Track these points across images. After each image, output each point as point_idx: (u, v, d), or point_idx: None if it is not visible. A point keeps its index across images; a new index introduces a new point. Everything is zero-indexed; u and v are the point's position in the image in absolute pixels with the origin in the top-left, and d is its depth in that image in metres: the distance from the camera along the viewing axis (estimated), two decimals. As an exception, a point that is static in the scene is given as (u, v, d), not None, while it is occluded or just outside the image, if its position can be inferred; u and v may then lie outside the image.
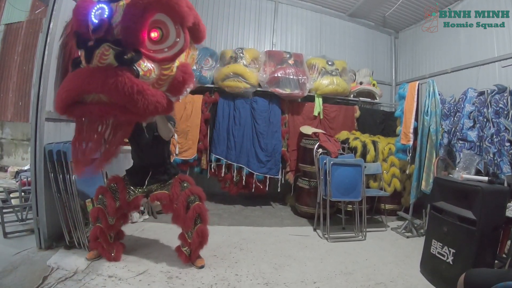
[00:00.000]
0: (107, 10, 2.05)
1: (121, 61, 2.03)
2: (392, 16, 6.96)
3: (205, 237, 3.17)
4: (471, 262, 2.74)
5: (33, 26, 6.52)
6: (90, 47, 2.02)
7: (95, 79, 1.99)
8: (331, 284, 3.04)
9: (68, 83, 2.11)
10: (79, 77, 2.05)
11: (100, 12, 2.06)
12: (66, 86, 2.11)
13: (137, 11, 2.03)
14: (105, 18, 2.04)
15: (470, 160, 3.64)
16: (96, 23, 2.05)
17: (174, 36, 2.22)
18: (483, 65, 5.04)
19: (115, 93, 2.01)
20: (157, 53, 2.19)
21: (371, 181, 5.24)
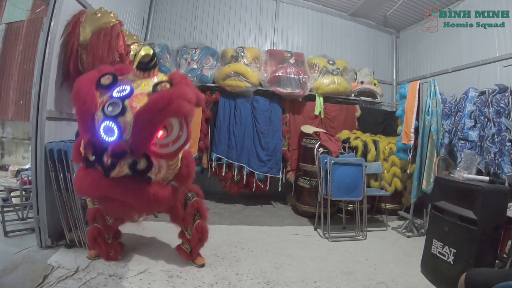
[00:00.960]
0: (116, 129, 2.18)
1: (135, 172, 2.25)
2: (393, 16, 6.96)
3: (204, 233, 3.17)
4: (472, 262, 2.74)
5: (34, 25, 6.51)
6: (108, 168, 2.20)
7: (118, 191, 2.27)
8: (332, 283, 3.04)
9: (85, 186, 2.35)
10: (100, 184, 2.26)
11: (109, 129, 2.19)
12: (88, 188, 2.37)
13: (146, 128, 2.18)
14: (117, 140, 2.18)
15: (471, 159, 3.64)
16: (108, 143, 2.18)
17: (177, 131, 2.33)
18: (484, 64, 5.03)
19: (136, 203, 2.36)
20: (163, 148, 2.32)
21: (372, 180, 5.24)
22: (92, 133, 2.24)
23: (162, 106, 2.13)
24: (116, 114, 2.18)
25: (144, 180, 2.31)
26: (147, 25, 6.24)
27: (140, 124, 2.15)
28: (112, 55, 3.50)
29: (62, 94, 3.54)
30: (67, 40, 3.46)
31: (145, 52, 2.40)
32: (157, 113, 2.13)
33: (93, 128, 2.22)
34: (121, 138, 2.16)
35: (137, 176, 2.27)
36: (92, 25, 3.48)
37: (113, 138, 2.18)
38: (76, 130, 3.79)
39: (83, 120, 2.28)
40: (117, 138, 2.16)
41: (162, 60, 5.48)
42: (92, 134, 2.24)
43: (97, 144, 2.22)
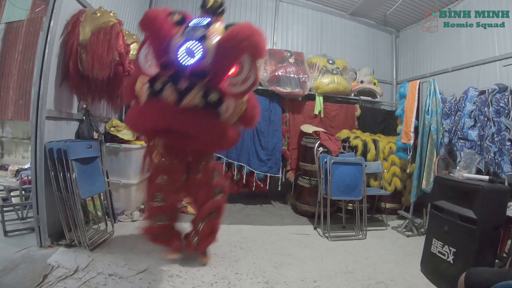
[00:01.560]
0: (200, 51, 2.16)
1: (207, 103, 2.22)
2: (393, 15, 6.95)
3: (215, 230, 3.20)
4: (472, 261, 2.74)
5: (34, 25, 6.50)
6: (183, 91, 2.15)
7: (189, 122, 2.24)
8: (332, 283, 3.04)
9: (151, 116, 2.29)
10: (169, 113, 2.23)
11: (193, 50, 2.16)
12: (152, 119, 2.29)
13: (229, 57, 2.21)
14: (200, 62, 2.16)
15: (471, 159, 3.64)
16: (190, 65, 2.15)
17: (247, 71, 2.32)
18: (484, 64, 5.03)
19: (205, 135, 2.34)
20: (232, 86, 2.32)
21: (372, 180, 5.24)
22: (169, 56, 2.22)
23: (244, 37, 2.15)
24: (199, 37, 2.19)
25: (213, 114, 2.30)
26: (147, 24, 6.22)
27: (222, 51, 2.17)
28: (112, 55, 3.50)
29: (62, 93, 3.55)
30: (67, 40, 3.46)
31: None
32: (239, 43, 2.15)
33: (169, 52, 2.21)
34: (203, 60, 2.16)
35: (208, 108, 2.25)
36: (91, 25, 3.48)
37: (194, 60, 2.16)
38: (76, 129, 3.81)
39: (160, 42, 2.25)
40: (199, 60, 2.16)
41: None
42: (169, 57, 2.22)
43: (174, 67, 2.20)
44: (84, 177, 3.39)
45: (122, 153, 4.45)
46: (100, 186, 3.71)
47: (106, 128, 4.53)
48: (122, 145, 4.41)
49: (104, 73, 3.53)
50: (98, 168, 3.73)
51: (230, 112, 2.38)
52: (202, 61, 2.16)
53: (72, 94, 3.77)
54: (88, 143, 3.62)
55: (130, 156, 4.50)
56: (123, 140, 4.47)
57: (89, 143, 3.62)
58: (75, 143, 3.41)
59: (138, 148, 4.62)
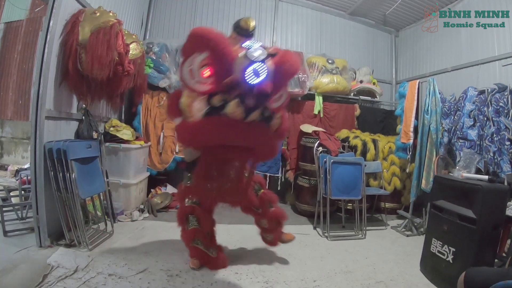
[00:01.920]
0: (265, 72, 2.28)
1: (265, 119, 2.41)
2: (392, 15, 6.95)
3: (280, 216, 3.38)
4: (471, 260, 2.75)
5: (33, 25, 6.50)
6: (250, 108, 2.29)
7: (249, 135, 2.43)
8: (331, 282, 3.04)
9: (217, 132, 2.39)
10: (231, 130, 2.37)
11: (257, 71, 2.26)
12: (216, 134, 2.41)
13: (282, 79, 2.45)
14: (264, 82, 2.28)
15: (470, 158, 3.65)
16: (255, 84, 2.26)
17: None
18: (483, 64, 5.03)
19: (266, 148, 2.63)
20: (273, 102, 2.50)
21: (371, 179, 5.24)
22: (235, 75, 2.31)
23: (295, 62, 2.45)
24: (263, 58, 2.31)
25: (267, 128, 2.48)
26: (146, 24, 6.22)
27: (281, 72, 2.36)
28: (111, 54, 3.50)
29: (61, 93, 3.55)
30: (66, 40, 3.46)
31: (254, 23, 2.89)
32: (292, 67, 2.43)
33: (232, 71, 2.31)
34: (266, 80, 2.28)
35: (262, 123, 2.41)
36: (91, 25, 3.48)
37: (258, 80, 2.26)
38: (76, 129, 3.81)
39: (224, 61, 2.32)
40: (264, 80, 2.27)
41: (161, 59, 5.49)
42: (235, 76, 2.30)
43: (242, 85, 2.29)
44: (84, 177, 3.39)
45: (122, 153, 4.45)
46: (99, 186, 3.71)
47: (105, 128, 4.53)
48: (122, 145, 4.42)
49: (103, 73, 3.53)
50: (97, 168, 3.73)
51: (273, 126, 2.54)
52: (266, 81, 2.28)
53: (72, 94, 3.77)
54: (88, 143, 3.62)
55: (129, 156, 4.50)
56: (122, 140, 4.47)
57: (88, 143, 3.62)
58: (75, 143, 3.41)
59: (137, 148, 4.63)
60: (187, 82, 2.42)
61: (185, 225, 3.11)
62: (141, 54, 4.52)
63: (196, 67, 2.39)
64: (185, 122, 2.47)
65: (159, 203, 4.95)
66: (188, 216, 3.11)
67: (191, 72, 2.41)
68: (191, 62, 2.42)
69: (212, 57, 2.35)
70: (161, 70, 5.45)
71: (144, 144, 4.93)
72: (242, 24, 2.88)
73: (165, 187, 5.54)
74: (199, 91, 2.38)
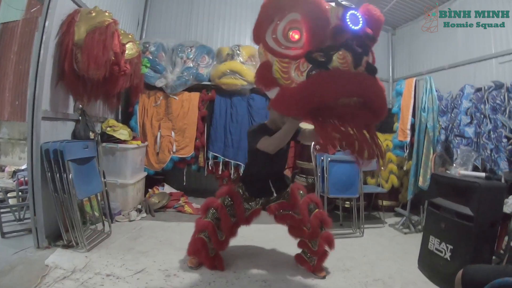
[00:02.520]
0: (361, 19, 2.13)
1: (371, 69, 2.15)
2: (389, 13, 6.94)
3: (331, 242, 3.13)
4: (469, 258, 2.75)
5: (29, 25, 6.48)
6: (360, 54, 2.07)
7: (365, 85, 2.09)
8: (329, 281, 3.05)
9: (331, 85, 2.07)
10: (347, 80, 2.06)
11: (355, 18, 2.12)
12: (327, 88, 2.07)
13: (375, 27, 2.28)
14: (362, 27, 2.13)
15: (468, 156, 3.65)
16: (356, 30, 2.11)
17: None
18: (480, 61, 5.03)
19: (378, 100, 2.19)
20: None
21: (369, 177, 5.26)
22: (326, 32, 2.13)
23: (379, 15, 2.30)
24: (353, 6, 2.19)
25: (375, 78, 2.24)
26: (143, 23, 6.22)
27: (371, 22, 2.21)
28: (107, 54, 3.49)
29: (58, 94, 3.54)
30: (62, 40, 3.45)
31: None
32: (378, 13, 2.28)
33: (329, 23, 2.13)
34: (365, 27, 2.16)
35: (371, 73, 2.18)
36: (87, 24, 3.47)
37: (359, 26, 2.13)
38: (73, 129, 3.80)
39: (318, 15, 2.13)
40: (363, 26, 2.14)
41: (157, 59, 5.48)
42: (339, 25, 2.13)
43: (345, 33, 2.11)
44: (81, 177, 3.38)
45: (119, 153, 4.45)
46: (96, 186, 3.70)
47: (102, 128, 4.53)
48: (119, 145, 4.41)
49: (99, 73, 3.52)
50: (94, 168, 3.72)
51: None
52: (366, 27, 2.16)
53: (68, 94, 3.76)
54: (85, 143, 3.61)
55: (126, 156, 4.50)
56: (119, 140, 4.47)
57: (85, 143, 3.61)
58: (71, 144, 3.40)
59: (134, 147, 4.63)
60: (275, 50, 2.26)
61: (204, 215, 3.11)
62: (138, 53, 4.51)
63: (280, 34, 2.23)
64: (286, 89, 2.26)
65: (156, 202, 4.95)
66: (210, 209, 3.09)
67: (277, 39, 2.25)
68: (272, 30, 2.26)
69: (303, 13, 2.18)
70: (158, 70, 5.45)
71: (141, 144, 4.93)
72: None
73: (162, 187, 5.54)
74: (291, 56, 2.21)
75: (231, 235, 3.18)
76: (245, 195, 3.14)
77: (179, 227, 4.23)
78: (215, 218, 3.05)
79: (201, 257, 3.09)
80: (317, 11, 2.11)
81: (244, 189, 3.16)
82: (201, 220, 3.10)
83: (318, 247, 3.11)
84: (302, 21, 2.17)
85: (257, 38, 2.33)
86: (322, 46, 2.10)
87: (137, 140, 4.90)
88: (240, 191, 3.15)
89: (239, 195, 3.12)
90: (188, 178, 5.74)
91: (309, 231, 3.09)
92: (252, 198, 3.16)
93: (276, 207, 3.17)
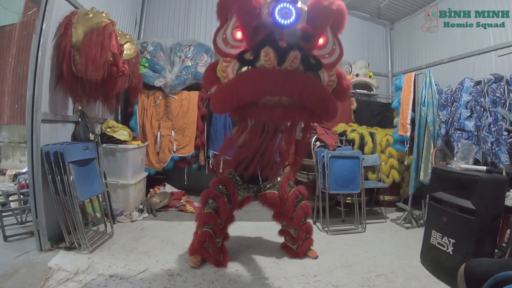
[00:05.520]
0: (294, 12, 2.04)
1: (309, 66, 2.06)
2: (387, 7, 6.94)
3: (311, 231, 3.51)
4: (471, 251, 2.75)
5: (27, 28, 6.49)
6: (284, 49, 1.99)
7: (289, 82, 1.98)
8: (332, 277, 3.05)
9: (249, 83, 2.04)
10: (266, 78, 2.00)
11: (286, 12, 2.04)
12: (245, 86, 2.03)
13: (321, 19, 2.11)
14: (294, 21, 2.03)
15: (468, 149, 3.65)
16: (284, 24, 2.02)
17: (331, 44, 2.26)
18: (479, 54, 5.03)
19: (312, 98, 2.03)
20: (321, 58, 2.19)
21: (370, 173, 5.25)
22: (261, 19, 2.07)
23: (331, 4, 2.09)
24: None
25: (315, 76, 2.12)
26: (140, 23, 6.21)
27: (315, 14, 2.09)
28: (105, 55, 3.48)
29: (57, 96, 3.53)
30: (60, 42, 3.44)
31: None
32: (330, 9, 2.09)
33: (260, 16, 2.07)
34: (298, 21, 2.04)
35: (310, 71, 2.08)
36: (84, 26, 3.46)
37: (290, 20, 2.03)
38: (72, 131, 3.80)
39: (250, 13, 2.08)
40: (295, 20, 2.03)
41: (156, 58, 5.47)
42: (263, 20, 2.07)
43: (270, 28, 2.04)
44: (82, 179, 3.38)
45: (119, 154, 4.44)
46: (98, 188, 3.70)
47: (102, 129, 4.52)
48: (119, 145, 4.41)
49: (98, 74, 3.51)
50: (95, 170, 3.72)
51: (326, 82, 2.21)
52: (298, 23, 2.05)
53: (67, 96, 3.75)
54: (85, 145, 3.61)
55: (127, 157, 4.49)
56: (119, 140, 4.46)
57: (85, 145, 3.61)
58: (71, 146, 3.40)
59: (134, 148, 4.62)
60: (222, 50, 2.24)
61: (204, 207, 3.16)
62: (136, 54, 4.50)
63: (229, 33, 2.22)
64: (218, 87, 2.25)
65: (158, 202, 4.95)
66: (209, 200, 3.16)
67: (226, 39, 2.24)
68: (224, 30, 2.26)
69: (237, 14, 2.15)
70: (156, 69, 5.45)
71: (141, 144, 4.92)
72: None
73: (163, 187, 5.54)
74: (232, 54, 2.18)
75: (230, 221, 3.34)
76: (237, 182, 3.30)
77: (181, 226, 4.23)
78: (214, 207, 3.12)
79: (206, 252, 3.11)
80: (245, 7, 2.07)
81: (234, 175, 3.32)
82: (202, 213, 3.16)
83: (297, 235, 3.42)
84: (236, 18, 2.15)
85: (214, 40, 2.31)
86: (255, 46, 2.04)
87: (137, 140, 4.89)
88: (231, 177, 3.31)
89: (232, 183, 3.27)
90: (189, 177, 5.74)
91: (293, 220, 3.37)
92: (244, 184, 3.31)
93: (267, 196, 3.34)
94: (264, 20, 2.05)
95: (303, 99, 2.03)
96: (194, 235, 3.22)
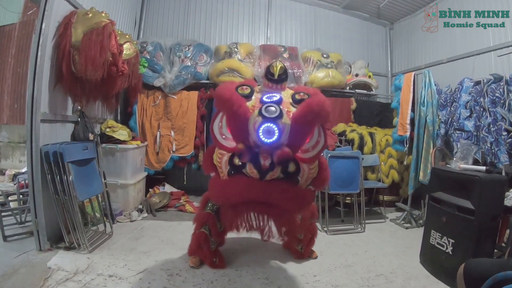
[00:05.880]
0: (276, 131, 2.22)
1: (288, 176, 2.37)
2: (386, 8, 6.94)
3: (315, 232, 3.51)
4: (471, 251, 2.75)
5: (26, 28, 6.48)
6: (265, 170, 2.30)
7: (268, 193, 2.37)
8: (331, 277, 3.05)
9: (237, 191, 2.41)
10: (250, 187, 2.37)
11: (269, 131, 2.23)
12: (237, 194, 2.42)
13: (303, 131, 2.32)
14: (276, 140, 2.23)
15: (468, 150, 3.65)
16: (268, 143, 2.23)
17: (316, 136, 2.45)
18: (478, 54, 5.03)
19: (291, 205, 2.46)
20: (304, 152, 2.43)
21: (369, 173, 5.25)
22: (247, 136, 2.29)
23: (317, 110, 2.23)
24: (275, 116, 2.24)
25: (294, 182, 2.43)
26: (140, 23, 6.21)
27: (298, 127, 2.26)
28: (105, 55, 3.48)
29: (56, 96, 3.53)
30: (59, 42, 3.44)
31: (281, 65, 2.75)
32: (314, 117, 2.25)
33: (248, 131, 2.28)
34: (280, 139, 2.23)
35: (288, 179, 2.39)
36: (83, 26, 3.46)
37: (273, 139, 2.23)
38: (72, 131, 3.80)
39: (239, 123, 2.30)
40: (277, 139, 2.23)
41: (155, 58, 5.47)
42: (248, 137, 2.29)
43: (255, 146, 2.28)
44: (81, 179, 3.38)
45: (119, 154, 4.44)
46: (97, 188, 3.70)
47: (101, 129, 4.52)
48: (118, 145, 4.41)
49: (97, 74, 3.52)
50: (94, 170, 3.72)
51: (306, 177, 2.49)
52: (280, 140, 2.24)
53: (66, 96, 3.76)
54: (84, 145, 3.61)
55: (126, 156, 4.49)
56: (119, 140, 4.46)
57: (84, 145, 3.61)
58: (71, 145, 3.39)
59: (134, 148, 4.62)
60: (217, 138, 2.50)
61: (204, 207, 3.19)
62: (135, 54, 4.49)
63: (224, 125, 2.46)
64: (217, 178, 2.62)
65: (157, 202, 4.95)
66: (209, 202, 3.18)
67: (221, 129, 2.48)
68: (220, 118, 2.49)
69: (227, 117, 2.39)
70: (156, 69, 5.45)
71: (140, 144, 4.93)
72: (270, 69, 2.78)
73: (163, 187, 5.54)
74: (226, 148, 2.46)
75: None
76: None
77: (181, 226, 4.23)
78: (214, 209, 3.12)
79: (202, 253, 3.12)
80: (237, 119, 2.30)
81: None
82: (201, 213, 3.17)
83: (303, 237, 3.39)
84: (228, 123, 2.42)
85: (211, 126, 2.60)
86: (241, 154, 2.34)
87: (137, 140, 4.89)
88: None
89: None
90: (189, 177, 5.74)
91: (300, 221, 3.30)
92: None
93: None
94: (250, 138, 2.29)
95: (281, 205, 2.43)
96: (192, 236, 3.22)
